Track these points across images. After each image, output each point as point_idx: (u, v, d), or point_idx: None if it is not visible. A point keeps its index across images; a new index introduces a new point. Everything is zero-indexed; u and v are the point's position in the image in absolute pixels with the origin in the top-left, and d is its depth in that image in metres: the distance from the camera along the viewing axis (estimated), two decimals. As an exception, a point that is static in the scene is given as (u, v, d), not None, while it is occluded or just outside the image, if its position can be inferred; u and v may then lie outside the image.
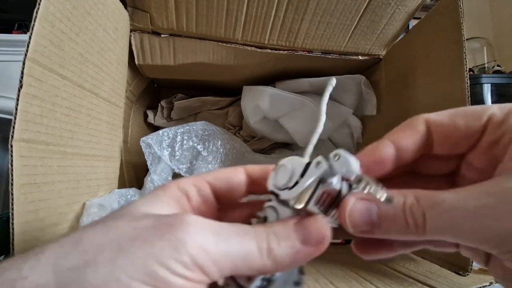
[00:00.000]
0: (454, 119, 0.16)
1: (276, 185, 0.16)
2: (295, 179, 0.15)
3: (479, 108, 0.15)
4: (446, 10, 0.38)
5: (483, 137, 0.15)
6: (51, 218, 0.27)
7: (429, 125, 0.16)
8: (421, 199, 0.14)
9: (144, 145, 0.45)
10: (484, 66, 1.14)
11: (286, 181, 0.15)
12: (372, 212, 0.14)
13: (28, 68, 0.23)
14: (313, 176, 0.14)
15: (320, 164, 0.15)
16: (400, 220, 0.14)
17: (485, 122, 0.15)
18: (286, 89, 0.55)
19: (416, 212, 0.13)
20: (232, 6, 0.41)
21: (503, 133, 0.14)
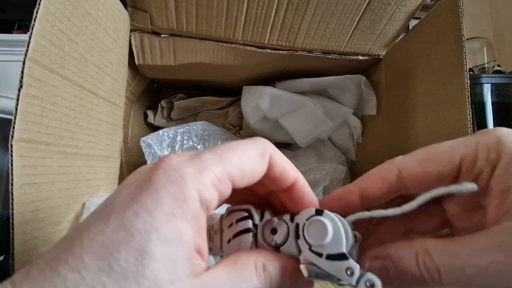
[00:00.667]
0: (425, 166, 0.16)
1: (304, 229, 0.15)
2: (320, 251, 0.14)
3: (448, 150, 0.15)
4: (446, 10, 0.38)
5: (459, 180, 0.15)
6: (51, 218, 0.27)
7: (401, 172, 0.16)
8: (432, 252, 0.14)
9: (144, 145, 0.45)
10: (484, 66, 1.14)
11: (313, 241, 0.15)
12: (389, 270, 0.14)
13: (28, 68, 0.23)
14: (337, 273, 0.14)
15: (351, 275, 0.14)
16: (417, 275, 0.14)
17: (457, 165, 0.15)
18: (286, 89, 0.55)
19: (431, 267, 0.13)
20: (232, 6, 0.41)
21: (477, 173, 0.15)
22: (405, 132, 0.47)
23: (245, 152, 0.14)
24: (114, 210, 0.12)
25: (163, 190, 0.12)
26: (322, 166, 0.53)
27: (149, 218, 0.12)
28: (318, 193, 0.48)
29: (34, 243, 0.24)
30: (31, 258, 0.24)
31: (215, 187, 0.13)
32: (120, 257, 0.11)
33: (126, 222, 0.12)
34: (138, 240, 0.11)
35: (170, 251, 0.12)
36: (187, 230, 0.12)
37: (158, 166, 0.13)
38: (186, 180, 0.13)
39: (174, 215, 0.12)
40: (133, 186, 0.13)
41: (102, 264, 0.11)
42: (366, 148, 0.59)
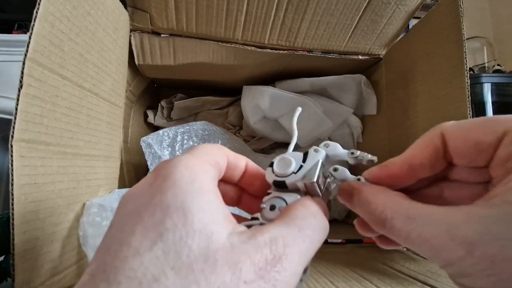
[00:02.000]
0: (468, 133, 0.16)
1: (280, 173, 0.18)
2: (298, 165, 0.17)
3: (494, 122, 0.15)
4: (446, 9, 0.38)
5: (498, 151, 0.15)
6: (51, 218, 0.27)
7: (444, 139, 0.16)
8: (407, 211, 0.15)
9: (145, 145, 0.45)
10: (484, 65, 1.14)
11: (291, 168, 0.17)
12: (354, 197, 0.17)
13: (28, 68, 0.23)
14: (316, 158, 0.18)
15: (318, 151, 0.18)
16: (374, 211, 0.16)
17: (499, 136, 0.15)
18: (286, 89, 0.55)
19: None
20: (232, 6, 0.41)
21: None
22: (405, 131, 0.47)
23: (215, 148, 0.17)
24: (140, 206, 0.13)
25: (175, 171, 0.13)
26: (322, 166, 0.53)
27: (175, 189, 0.13)
28: (319, 193, 0.48)
29: (34, 243, 0.24)
30: (31, 258, 0.24)
31: (210, 164, 0.15)
32: (166, 224, 0.12)
33: (157, 203, 0.12)
34: (174, 205, 0.12)
35: (207, 204, 0.13)
36: (209, 192, 0.14)
37: (159, 166, 0.14)
38: (188, 162, 0.14)
39: (195, 179, 0.13)
40: (144, 190, 0.14)
41: (153, 238, 0.11)
42: (366, 148, 0.59)
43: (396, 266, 0.36)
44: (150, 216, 0.12)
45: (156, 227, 0.12)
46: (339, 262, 0.37)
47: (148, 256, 0.11)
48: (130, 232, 0.12)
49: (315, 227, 0.15)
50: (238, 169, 0.19)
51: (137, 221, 0.12)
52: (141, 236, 0.12)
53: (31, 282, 0.24)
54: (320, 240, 0.15)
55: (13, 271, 0.22)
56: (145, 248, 0.11)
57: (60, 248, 0.28)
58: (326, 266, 0.36)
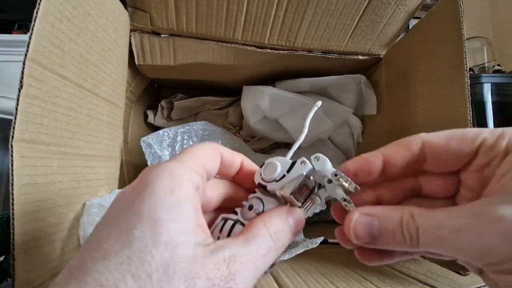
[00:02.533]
0: (449, 141, 0.17)
1: (264, 178, 0.18)
2: (282, 173, 0.18)
3: (473, 132, 0.17)
4: (446, 9, 0.38)
5: (475, 160, 0.17)
6: (51, 218, 0.27)
7: (424, 145, 0.18)
8: (416, 215, 0.15)
9: (145, 145, 0.45)
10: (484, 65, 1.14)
11: (274, 175, 0.18)
12: (373, 226, 0.16)
13: (28, 68, 0.23)
14: (299, 172, 0.18)
15: (305, 164, 0.18)
16: (397, 234, 0.15)
17: (478, 145, 0.16)
18: (286, 89, 0.55)
19: (412, 227, 0.15)
20: (232, 6, 0.41)
21: (493, 156, 0.16)
22: (405, 131, 0.47)
23: (205, 150, 0.17)
24: (122, 210, 0.14)
25: (157, 179, 0.14)
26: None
27: (152, 198, 0.13)
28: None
29: (35, 243, 0.24)
30: (31, 258, 0.24)
31: (195, 172, 0.16)
32: (136, 231, 0.12)
33: (135, 210, 0.13)
34: (148, 215, 0.13)
35: (178, 218, 0.13)
36: (187, 204, 0.14)
37: (145, 171, 0.15)
38: (172, 169, 0.15)
39: (173, 190, 0.14)
40: (128, 194, 0.15)
41: (122, 243, 0.12)
42: (366, 148, 0.59)
43: (396, 266, 0.36)
44: (125, 221, 0.13)
45: (127, 233, 0.13)
46: (339, 262, 0.37)
47: (114, 260, 0.12)
48: (107, 234, 0.13)
49: (271, 248, 0.15)
50: (233, 167, 0.19)
51: (114, 224, 0.13)
52: (114, 240, 0.12)
53: (31, 282, 0.24)
54: (275, 257, 0.16)
55: (13, 271, 0.22)
56: (113, 252, 0.12)
57: (60, 248, 0.28)
58: (326, 266, 0.36)
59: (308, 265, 0.37)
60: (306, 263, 0.37)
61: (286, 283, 0.33)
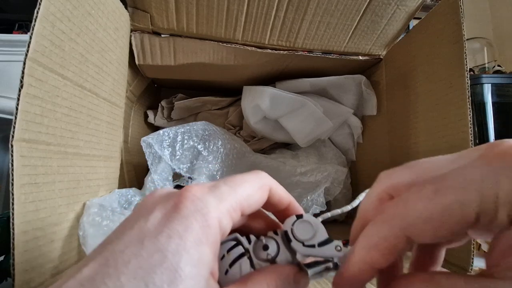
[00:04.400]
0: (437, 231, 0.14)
1: (294, 233, 0.18)
2: (313, 242, 0.17)
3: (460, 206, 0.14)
4: (446, 10, 0.38)
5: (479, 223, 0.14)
6: (52, 218, 0.27)
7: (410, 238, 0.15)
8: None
9: (145, 144, 0.45)
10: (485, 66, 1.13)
11: (304, 237, 0.17)
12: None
13: (29, 68, 0.23)
14: (329, 254, 0.17)
15: (340, 251, 0.17)
16: None
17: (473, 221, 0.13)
18: (286, 89, 0.55)
19: None
20: (232, 6, 0.41)
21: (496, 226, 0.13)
22: (406, 132, 0.47)
23: (251, 185, 0.17)
24: (147, 234, 0.13)
25: (191, 218, 0.14)
26: (323, 167, 0.53)
27: (180, 242, 0.13)
28: (320, 194, 0.48)
29: (35, 243, 0.24)
30: (31, 258, 0.24)
31: (230, 216, 0.15)
32: (155, 276, 0.12)
33: (160, 245, 0.13)
34: (171, 261, 0.13)
35: (196, 272, 0.13)
36: (209, 254, 0.14)
37: (184, 195, 0.15)
38: (210, 209, 0.14)
39: (201, 240, 0.14)
40: (160, 212, 0.14)
41: (139, 284, 0.12)
42: (366, 148, 0.59)
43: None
44: (148, 256, 0.13)
45: (147, 275, 0.12)
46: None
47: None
48: (127, 259, 0.13)
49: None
50: (277, 207, 0.19)
51: (137, 251, 0.13)
52: (131, 276, 0.12)
53: (31, 282, 0.24)
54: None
55: (13, 271, 0.22)
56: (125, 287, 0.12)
57: (60, 248, 0.28)
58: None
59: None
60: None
61: (286, 283, 0.32)
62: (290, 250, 0.18)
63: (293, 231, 0.18)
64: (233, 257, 0.17)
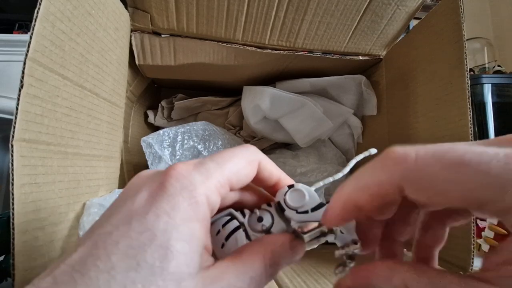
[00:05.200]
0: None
1: (287, 202, 0.18)
2: (306, 208, 0.18)
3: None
4: (446, 10, 0.38)
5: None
6: (52, 218, 0.27)
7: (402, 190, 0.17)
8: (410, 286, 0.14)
9: (145, 144, 0.45)
10: (485, 66, 1.14)
11: (297, 204, 0.18)
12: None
13: (29, 68, 0.23)
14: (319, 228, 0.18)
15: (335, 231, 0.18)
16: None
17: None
18: (287, 89, 0.55)
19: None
20: (232, 6, 0.41)
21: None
22: (406, 132, 0.47)
23: (239, 160, 0.16)
24: (135, 214, 0.13)
25: (178, 196, 0.14)
26: (323, 168, 0.53)
27: (169, 220, 0.13)
28: (320, 194, 0.48)
29: (35, 243, 0.24)
30: (31, 257, 0.24)
31: (218, 192, 0.15)
32: (146, 255, 0.12)
33: (149, 224, 0.13)
34: (161, 239, 0.13)
35: (188, 248, 0.13)
36: (199, 229, 0.14)
37: (169, 174, 0.14)
38: (196, 186, 0.14)
39: (190, 216, 0.14)
40: (146, 192, 0.14)
41: (130, 262, 0.12)
42: (366, 148, 0.59)
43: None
44: (138, 235, 0.13)
45: (138, 253, 0.12)
46: (339, 262, 0.37)
47: (118, 279, 0.12)
48: (116, 240, 0.13)
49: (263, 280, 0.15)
50: (267, 182, 0.19)
51: (126, 231, 0.13)
52: (122, 254, 0.12)
53: (31, 282, 0.24)
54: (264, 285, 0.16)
55: (13, 271, 0.22)
56: (119, 270, 0.12)
57: (60, 248, 0.28)
58: (326, 266, 0.36)
59: (308, 266, 0.37)
60: (306, 263, 0.37)
61: (286, 283, 0.33)
62: (285, 220, 0.18)
63: (285, 200, 0.18)
64: (229, 231, 0.17)
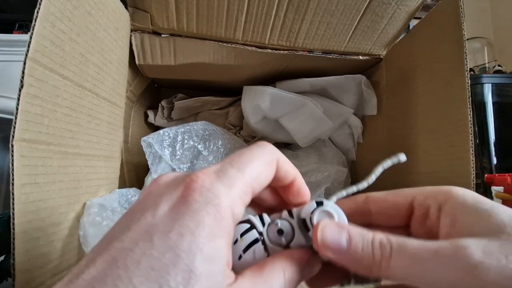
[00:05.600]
0: (387, 196, 0.19)
1: (313, 222, 0.17)
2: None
3: (407, 191, 0.18)
4: (446, 10, 0.38)
5: (414, 213, 0.18)
6: (52, 218, 0.27)
7: (367, 198, 0.19)
8: (390, 238, 0.15)
9: (145, 144, 0.45)
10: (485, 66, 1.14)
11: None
12: (343, 236, 0.15)
13: (29, 68, 0.23)
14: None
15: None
16: (367, 250, 0.15)
17: (411, 200, 0.18)
18: (287, 89, 0.55)
19: (385, 247, 0.15)
20: (232, 6, 0.41)
21: (427, 208, 0.17)
22: (406, 132, 0.47)
23: (259, 163, 0.16)
24: (156, 231, 0.13)
25: (203, 212, 0.13)
26: (323, 168, 0.53)
27: (193, 239, 0.12)
28: (320, 194, 0.48)
29: (35, 243, 0.24)
30: (31, 258, 0.24)
31: (242, 202, 0.15)
32: (169, 278, 0.12)
33: (172, 244, 0.12)
34: (185, 261, 0.12)
35: (212, 268, 0.13)
36: (223, 246, 0.13)
37: (192, 187, 0.14)
38: (221, 199, 0.14)
39: (215, 234, 0.13)
40: (167, 205, 0.14)
41: (153, 286, 0.11)
42: (366, 148, 0.59)
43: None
44: (161, 255, 0.12)
45: (160, 277, 0.12)
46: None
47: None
48: (136, 259, 0.12)
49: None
50: (283, 182, 0.18)
51: (147, 250, 0.12)
52: (144, 277, 0.12)
53: (31, 282, 0.24)
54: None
55: (13, 271, 0.22)
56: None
57: (61, 248, 0.28)
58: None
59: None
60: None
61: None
62: (306, 237, 0.17)
63: (312, 219, 0.17)
64: (247, 243, 0.16)
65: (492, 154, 0.88)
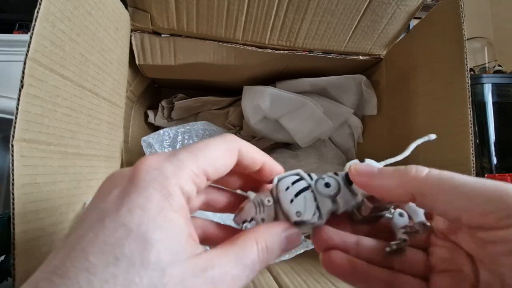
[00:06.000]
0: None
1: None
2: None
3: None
4: (446, 9, 0.38)
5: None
6: (52, 218, 0.27)
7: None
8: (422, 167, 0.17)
9: (145, 144, 0.45)
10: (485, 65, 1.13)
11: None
12: (375, 168, 0.18)
13: (29, 68, 0.23)
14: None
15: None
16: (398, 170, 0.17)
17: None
18: (287, 89, 0.55)
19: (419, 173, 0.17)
20: (232, 6, 0.41)
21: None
22: (406, 132, 0.47)
23: (215, 149, 0.16)
24: (107, 213, 0.13)
25: (149, 188, 0.14)
26: (323, 167, 0.53)
27: (142, 213, 0.13)
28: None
29: (35, 243, 0.24)
30: (31, 257, 0.24)
31: (192, 181, 0.15)
32: (124, 248, 0.12)
33: (123, 220, 0.13)
34: (137, 231, 0.12)
35: (168, 237, 0.13)
36: (177, 218, 0.14)
37: (138, 168, 0.14)
38: (167, 176, 0.14)
39: (163, 207, 0.13)
40: (117, 189, 0.14)
41: (108, 258, 0.12)
42: (366, 148, 0.59)
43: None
44: (113, 231, 0.12)
45: (114, 248, 0.12)
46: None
47: (99, 276, 0.12)
48: (91, 240, 0.12)
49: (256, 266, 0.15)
50: (252, 168, 0.19)
51: (100, 230, 0.13)
52: (99, 253, 0.12)
53: (32, 282, 0.24)
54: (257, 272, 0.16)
55: (13, 271, 0.22)
56: (99, 267, 0.12)
57: (61, 248, 0.28)
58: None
59: (308, 265, 0.37)
60: (306, 263, 0.37)
61: (286, 283, 0.33)
62: (351, 191, 0.18)
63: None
64: (298, 189, 0.18)
65: (492, 154, 0.88)
